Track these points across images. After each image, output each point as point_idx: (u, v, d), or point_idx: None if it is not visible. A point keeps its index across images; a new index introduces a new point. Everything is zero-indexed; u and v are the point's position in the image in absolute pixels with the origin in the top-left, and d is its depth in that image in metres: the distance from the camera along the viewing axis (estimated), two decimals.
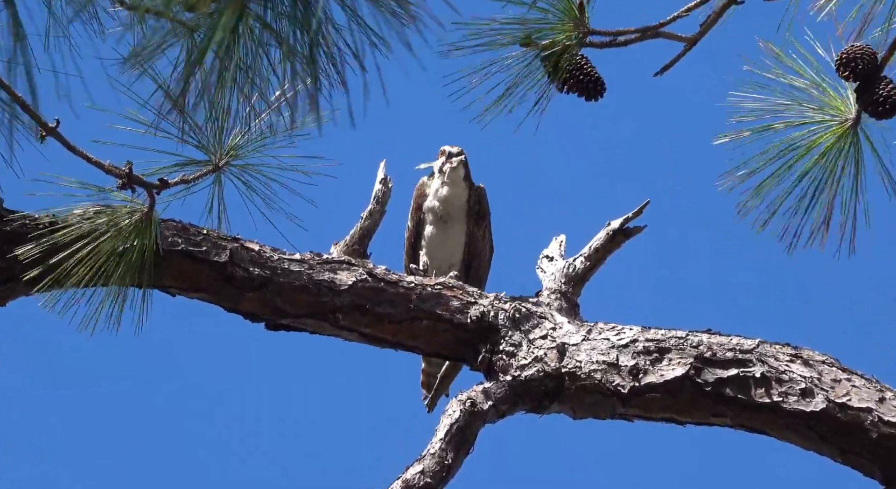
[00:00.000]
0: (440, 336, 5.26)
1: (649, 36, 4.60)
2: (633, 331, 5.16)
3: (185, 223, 5.15)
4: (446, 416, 5.05)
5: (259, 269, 5.17)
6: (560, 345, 5.17)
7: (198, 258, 5.13)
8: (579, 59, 4.53)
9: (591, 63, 4.53)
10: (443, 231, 5.94)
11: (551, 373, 5.12)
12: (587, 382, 5.09)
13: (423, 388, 5.97)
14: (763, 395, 4.96)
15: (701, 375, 5.03)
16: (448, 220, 5.93)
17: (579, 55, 4.52)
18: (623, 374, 5.07)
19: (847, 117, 4.62)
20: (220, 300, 5.18)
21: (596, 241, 5.56)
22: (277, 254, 5.23)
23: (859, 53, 4.44)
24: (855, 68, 4.44)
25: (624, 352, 5.11)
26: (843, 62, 4.46)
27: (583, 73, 4.51)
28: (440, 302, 5.25)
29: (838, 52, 4.49)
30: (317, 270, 5.24)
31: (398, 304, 5.24)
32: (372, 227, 5.55)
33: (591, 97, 4.56)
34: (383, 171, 5.65)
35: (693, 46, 4.61)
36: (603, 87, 4.53)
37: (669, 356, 5.08)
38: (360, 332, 5.25)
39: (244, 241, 5.20)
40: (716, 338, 5.11)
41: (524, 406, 5.14)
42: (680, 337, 5.11)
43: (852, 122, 4.61)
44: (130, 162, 4.88)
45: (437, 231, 5.95)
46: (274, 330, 5.27)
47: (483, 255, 6.00)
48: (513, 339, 5.19)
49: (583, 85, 4.51)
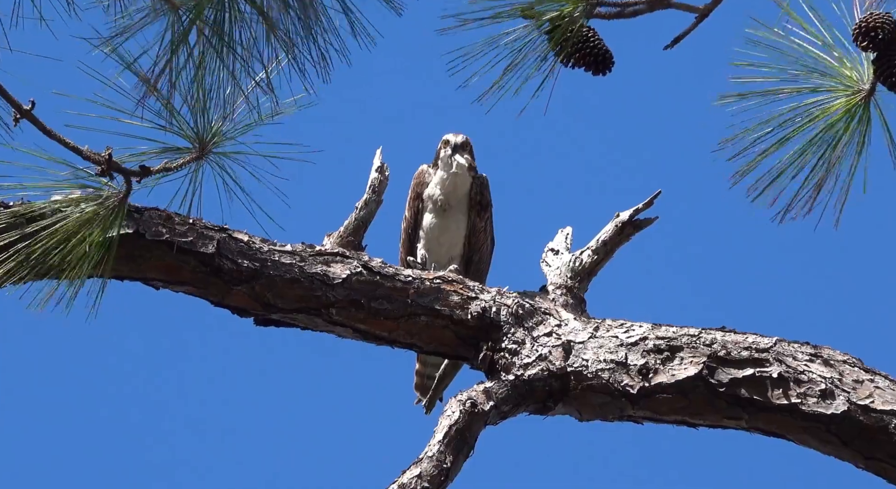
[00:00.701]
0: (439, 333, 5.16)
1: (659, 6, 4.49)
2: (642, 328, 5.07)
3: (170, 212, 5.09)
4: (445, 417, 4.96)
5: (248, 261, 5.07)
6: (566, 343, 5.08)
7: (183, 249, 5.03)
8: (586, 31, 4.43)
9: (598, 35, 4.45)
10: (443, 222, 5.81)
11: (556, 372, 5.04)
12: (594, 382, 5.01)
13: (416, 390, 5.88)
14: (780, 397, 4.90)
15: (714, 375, 4.95)
16: (449, 210, 5.81)
17: (586, 27, 4.42)
18: (632, 374, 4.99)
19: (861, 88, 4.50)
20: (207, 294, 5.09)
21: (604, 233, 5.45)
22: (268, 246, 5.13)
23: (880, 22, 4.32)
24: (874, 38, 4.30)
25: (633, 350, 5.02)
26: (863, 31, 4.34)
27: (590, 45, 4.41)
28: (439, 297, 5.16)
29: (857, 20, 4.39)
30: (309, 263, 5.13)
31: (395, 299, 5.15)
32: (367, 217, 5.42)
33: (598, 71, 4.46)
34: (379, 159, 5.54)
35: (705, 18, 4.49)
36: (611, 60, 4.44)
37: (681, 355, 5.00)
38: (355, 328, 5.16)
39: (232, 231, 5.12)
40: (730, 335, 5.01)
41: (527, 407, 5.07)
42: (692, 334, 5.03)
43: (866, 94, 4.48)
44: (111, 147, 4.80)
45: (436, 222, 5.82)
46: (263, 325, 5.20)
47: (484, 249, 5.90)
48: (516, 337, 5.11)
49: (590, 58, 4.42)
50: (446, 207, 5.81)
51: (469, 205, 5.84)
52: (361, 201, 5.46)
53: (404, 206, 5.98)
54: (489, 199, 5.88)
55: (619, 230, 5.42)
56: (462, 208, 5.83)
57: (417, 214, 5.88)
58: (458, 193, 5.83)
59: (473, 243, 5.87)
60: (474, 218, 5.86)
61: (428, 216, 5.87)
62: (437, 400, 5.90)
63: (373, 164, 5.55)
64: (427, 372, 5.88)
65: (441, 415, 5.00)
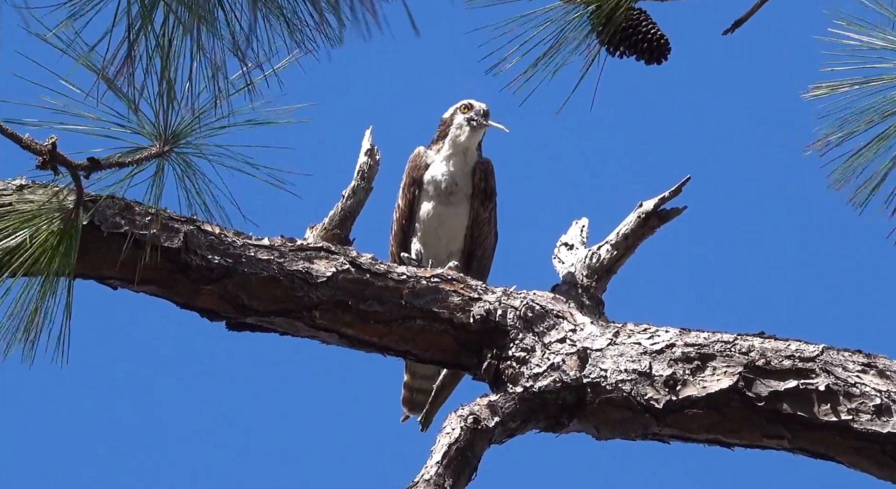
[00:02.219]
0: (437, 338, 5.02)
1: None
2: (669, 333, 4.95)
3: (129, 200, 4.87)
4: (444, 435, 4.83)
5: (219, 257, 4.91)
6: (581, 351, 4.94)
7: (144, 243, 4.84)
8: (636, 14, 4.30)
9: (650, 18, 4.32)
10: (443, 211, 5.63)
11: (570, 383, 4.91)
12: (614, 395, 4.89)
13: (404, 406, 5.67)
14: (828, 413, 4.77)
15: (752, 388, 4.81)
16: (450, 198, 5.62)
17: (636, 9, 4.31)
18: (657, 386, 4.87)
19: None
20: (172, 294, 4.93)
21: (625, 225, 5.29)
22: (242, 240, 4.97)
23: None
24: None
25: (658, 359, 4.89)
26: None
27: (641, 31, 4.26)
28: (437, 298, 5.02)
29: None
30: (289, 259, 4.98)
31: (387, 301, 5.00)
32: (355, 207, 5.28)
33: (652, 60, 4.33)
34: (369, 141, 5.36)
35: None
36: (667, 47, 4.32)
37: (714, 364, 4.86)
38: (341, 334, 5.00)
39: (201, 223, 4.94)
40: (770, 342, 4.88)
41: (538, 423, 4.95)
42: (726, 341, 4.89)
43: None
44: (54, 137, 4.60)
45: (436, 211, 5.63)
46: (236, 330, 5.02)
47: (487, 243, 5.71)
48: (524, 343, 4.98)
49: (641, 46, 4.28)
50: (452, 190, 5.60)
51: (472, 193, 5.65)
52: (348, 189, 5.31)
53: (397, 195, 5.77)
54: (494, 187, 5.68)
55: (643, 222, 5.25)
56: (464, 197, 5.64)
57: (413, 203, 5.66)
58: (462, 179, 5.64)
59: (476, 236, 5.68)
60: (478, 207, 5.66)
61: (426, 205, 5.65)
62: (434, 415, 5.70)
63: (361, 147, 5.37)
64: (417, 384, 5.67)
65: (439, 432, 4.86)
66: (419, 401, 5.68)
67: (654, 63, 4.35)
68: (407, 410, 5.66)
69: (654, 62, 4.35)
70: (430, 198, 5.66)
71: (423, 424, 5.65)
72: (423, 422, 5.66)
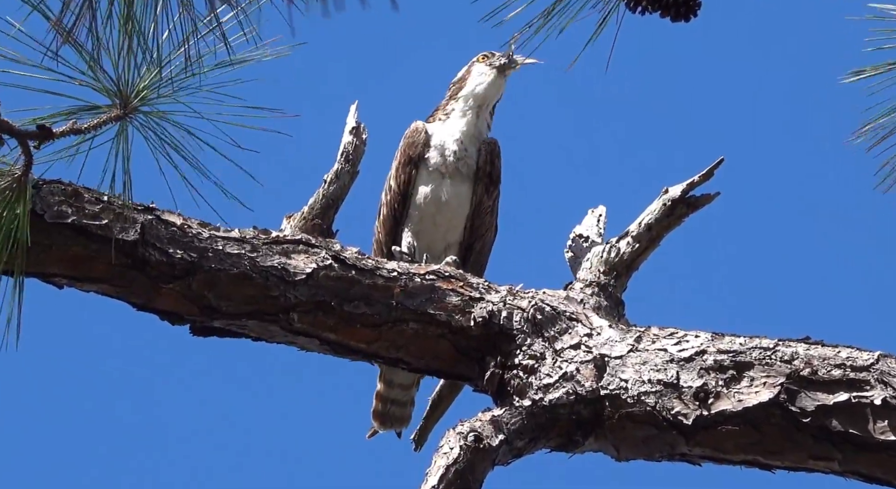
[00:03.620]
0: (433, 344, 4.93)
1: None
2: (699, 339, 4.83)
3: (78, 186, 4.77)
4: (441, 456, 4.72)
5: (182, 252, 4.83)
6: (598, 358, 4.84)
7: (95, 235, 4.77)
8: None
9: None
10: (443, 195, 5.57)
11: (586, 396, 4.80)
12: (636, 409, 4.78)
13: (375, 420, 5.60)
14: (886, 430, 4.65)
15: (796, 401, 4.69)
16: (458, 170, 5.56)
17: None
18: (686, 399, 4.75)
19: None
20: (128, 294, 4.84)
21: (648, 214, 5.19)
22: (208, 231, 4.88)
23: None
24: None
25: (687, 367, 4.78)
26: None
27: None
28: (433, 298, 4.93)
29: None
30: (263, 253, 4.89)
31: (375, 301, 4.92)
32: (339, 193, 5.21)
33: (679, 17, 4.22)
34: (355, 118, 5.30)
35: None
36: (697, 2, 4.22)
37: (751, 374, 4.75)
38: (323, 339, 4.92)
39: (161, 212, 4.86)
40: (817, 349, 4.76)
41: (548, 441, 4.85)
42: (766, 347, 4.77)
43: None
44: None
45: (435, 195, 5.57)
46: (202, 335, 4.95)
47: (487, 236, 5.66)
48: (533, 350, 4.88)
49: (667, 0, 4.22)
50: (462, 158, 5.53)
51: (475, 176, 5.59)
52: (331, 173, 5.23)
53: (387, 176, 5.70)
54: (500, 171, 5.63)
55: (669, 210, 5.15)
56: (467, 178, 5.59)
57: (408, 185, 5.58)
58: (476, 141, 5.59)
59: (477, 226, 5.62)
60: (481, 193, 5.60)
61: (423, 188, 5.57)
62: (429, 432, 5.54)
63: (346, 125, 5.31)
64: (393, 395, 5.58)
65: (435, 452, 4.75)
66: (393, 415, 5.61)
67: (681, 20, 4.27)
68: (377, 425, 5.60)
69: (680, 19, 4.27)
70: (429, 177, 5.59)
71: (417, 443, 5.52)
72: (416, 440, 5.53)
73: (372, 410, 5.59)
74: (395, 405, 5.60)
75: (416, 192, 5.61)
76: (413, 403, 5.60)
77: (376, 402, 5.59)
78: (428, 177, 5.61)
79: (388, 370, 5.45)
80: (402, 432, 5.58)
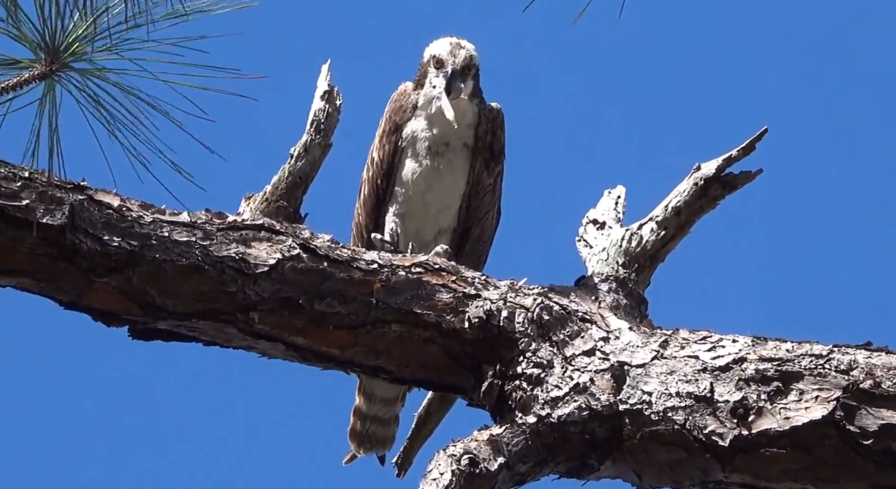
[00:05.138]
0: (419, 350, 4.70)
1: None
2: (737, 344, 4.62)
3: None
4: (430, 483, 4.54)
5: (120, 239, 4.56)
6: (616, 367, 4.65)
7: (14, 218, 4.49)
8: None
9: None
10: (433, 171, 5.20)
11: (602, 411, 4.61)
12: (661, 428, 4.58)
13: (352, 441, 5.28)
14: None
15: (855, 419, 4.47)
16: (443, 155, 5.20)
17: None
18: (722, 416, 4.54)
19: None
20: (54, 289, 4.55)
21: (677, 196, 4.96)
22: (151, 215, 4.60)
23: None
24: None
25: (723, 378, 4.57)
26: None
27: None
28: (420, 294, 4.73)
29: None
30: (217, 241, 4.64)
31: (351, 299, 4.68)
32: (308, 170, 4.97)
33: None
34: (327, 80, 5.04)
35: None
36: None
37: (800, 386, 4.53)
38: (289, 343, 4.66)
39: (94, 191, 4.57)
40: (881, 357, 4.54)
41: (557, 465, 4.64)
42: (818, 355, 4.54)
43: None
44: None
45: (423, 171, 5.20)
46: (143, 338, 4.69)
47: (487, 221, 5.34)
48: (538, 356, 4.68)
49: None
50: (440, 151, 5.18)
51: (473, 150, 5.24)
52: (298, 146, 4.97)
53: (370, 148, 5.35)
54: (503, 144, 5.27)
55: (701, 191, 4.90)
56: (462, 155, 5.25)
57: (393, 157, 5.22)
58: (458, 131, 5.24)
59: (475, 208, 5.29)
60: (480, 169, 5.25)
61: (410, 163, 5.22)
62: (415, 454, 5.29)
63: (317, 88, 5.04)
64: (374, 411, 5.33)
65: (423, 478, 4.57)
66: (374, 435, 5.33)
67: None
68: (354, 447, 5.32)
69: None
70: (414, 155, 5.26)
71: (400, 467, 5.24)
72: (399, 464, 5.24)
73: (349, 430, 5.34)
74: (375, 423, 5.36)
75: (403, 165, 5.29)
76: (397, 421, 5.38)
77: (354, 420, 5.34)
78: (416, 148, 5.30)
79: (368, 381, 5.22)
80: (384, 456, 5.36)
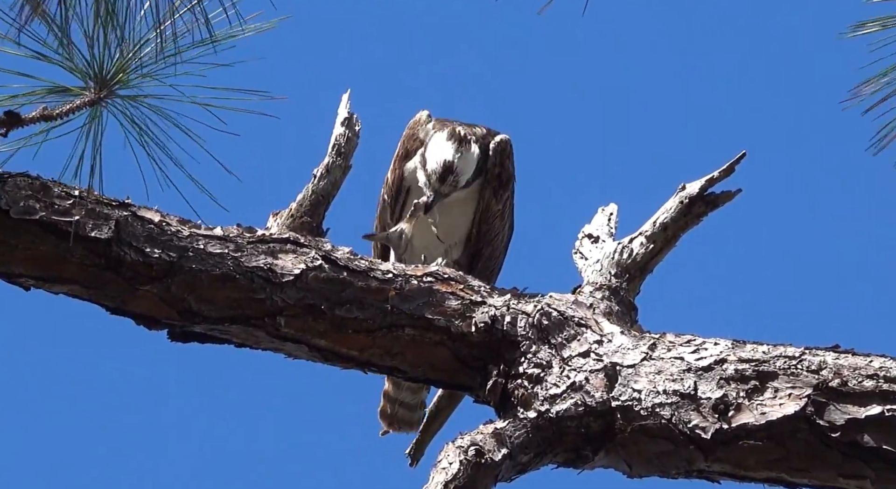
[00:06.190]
0: (430, 351, 4.86)
1: None
2: (719, 346, 4.77)
3: (46, 180, 4.69)
4: (439, 471, 4.69)
5: (160, 251, 4.75)
6: (609, 367, 4.79)
7: (66, 232, 4.67)
8: None
9: None
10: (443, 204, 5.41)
11: (596, 407, 4.75)
12: (650, 422, 4.72)
13: (382, 420, 5.53)
14: None
15: (824, 414, 4.61)
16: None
17: None
18: (704, 411, 4.69)
19: None
20: (101, 296, 4.74)
21: (664, 212, 5.11)
22: (188, 229, 4.80)
23: None
24: None
25: (706, 377, 4.72)
26: None
27: None
28: (431, 301, 4.88)
29: None
30: (248, 253, 4.83)
31: (368, 305, 4.85)
32: (329, 189, 5.12)
33: None
34: (348, 108, 5.21)
35: None
36: None
37: (775, 384, 4.67)
38: (312, 345, 4.83)
39: (137, 207, 4.77)
40: (847, 358, 4.68)
41: (555, 456, 4.79)
42: (791, 356, 4.70)
43: None
44: None
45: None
46: (181, 340, 4.88)
47: (499, 240, 5.56)
48: (538, 358, 4.83)
49: None
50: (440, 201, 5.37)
51: (482, 181, 5.46)
52: (321, 167, 5.11)
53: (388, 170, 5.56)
54: (512, 172, 5.47)
55: (686, 208, 5.06)
56: (472, 187, 5.44)
57: (401, 182, 5.50)
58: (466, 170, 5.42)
59: (485, 232, 5.51)
60: (489, 198, 5.49)
61: (418, 190, 5.42)
62: (426, 445, 5.48)
63: (338, 115, 5.19)
64: (401, 397, 5.50)
65: (433, 468, 4.71)
66: (401, 418, 5.55)
67: None
68: (386, 425, 5.54)
69: None
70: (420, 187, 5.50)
71: (413, 458, 5.42)
72: (411, 455, 5.43)
73: (379, 410, 5.55)
74: (403, 408, 5.55)
75: (412, 190, 5.52)
76: (423, 406, 5.56)
77: (384, 402, 5.55)
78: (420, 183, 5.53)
79: None
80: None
